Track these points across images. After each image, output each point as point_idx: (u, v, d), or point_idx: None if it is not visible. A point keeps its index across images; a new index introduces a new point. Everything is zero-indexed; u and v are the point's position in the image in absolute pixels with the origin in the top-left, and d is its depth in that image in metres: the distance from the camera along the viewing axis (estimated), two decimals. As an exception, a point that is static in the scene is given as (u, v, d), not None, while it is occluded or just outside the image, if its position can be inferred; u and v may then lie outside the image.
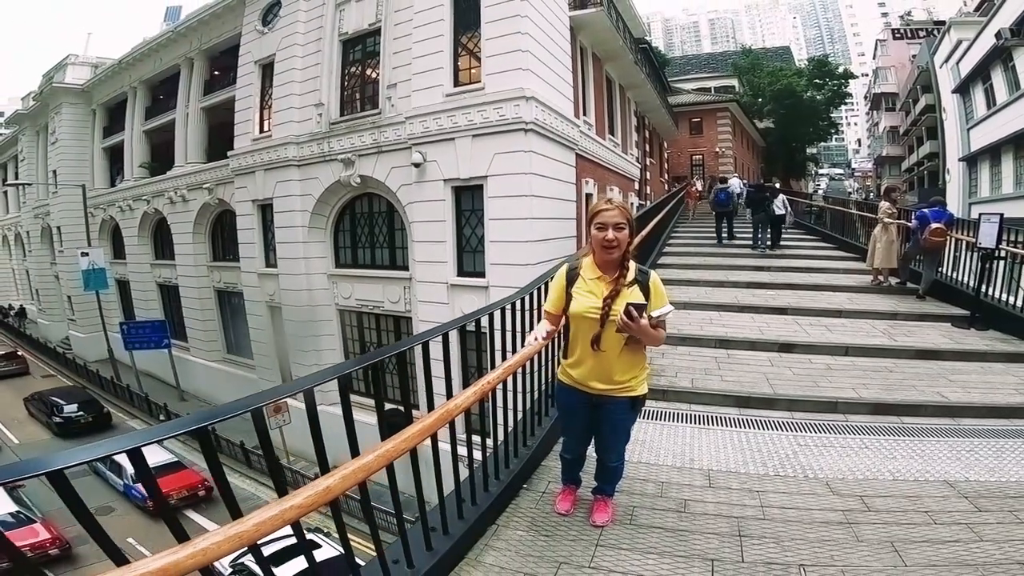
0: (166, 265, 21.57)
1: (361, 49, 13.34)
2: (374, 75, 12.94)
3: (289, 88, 14.02)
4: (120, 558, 1.17)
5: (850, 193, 47.48)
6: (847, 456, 3.66)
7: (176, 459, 14.11)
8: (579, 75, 13.95)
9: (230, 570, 9.21)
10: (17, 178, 30.69)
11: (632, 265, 2.44)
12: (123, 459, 7.17)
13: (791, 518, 2.87)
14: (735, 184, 15.18)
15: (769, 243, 12.68)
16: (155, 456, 13.40)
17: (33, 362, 26.26)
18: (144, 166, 21.96)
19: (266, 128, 15.06)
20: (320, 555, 8.38)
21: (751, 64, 46.48)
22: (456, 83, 11.27)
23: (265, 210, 15.27)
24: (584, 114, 14.28)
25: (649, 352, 2.79)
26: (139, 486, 12.40)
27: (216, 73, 19.14)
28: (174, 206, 19.85)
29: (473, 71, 11.16)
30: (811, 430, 4.13)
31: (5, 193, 36.48)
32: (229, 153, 15.92)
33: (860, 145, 78.00)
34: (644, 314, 2.28)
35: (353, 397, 1.82)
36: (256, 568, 8.43)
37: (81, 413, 17.70)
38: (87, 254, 21.35)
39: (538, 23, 10.91)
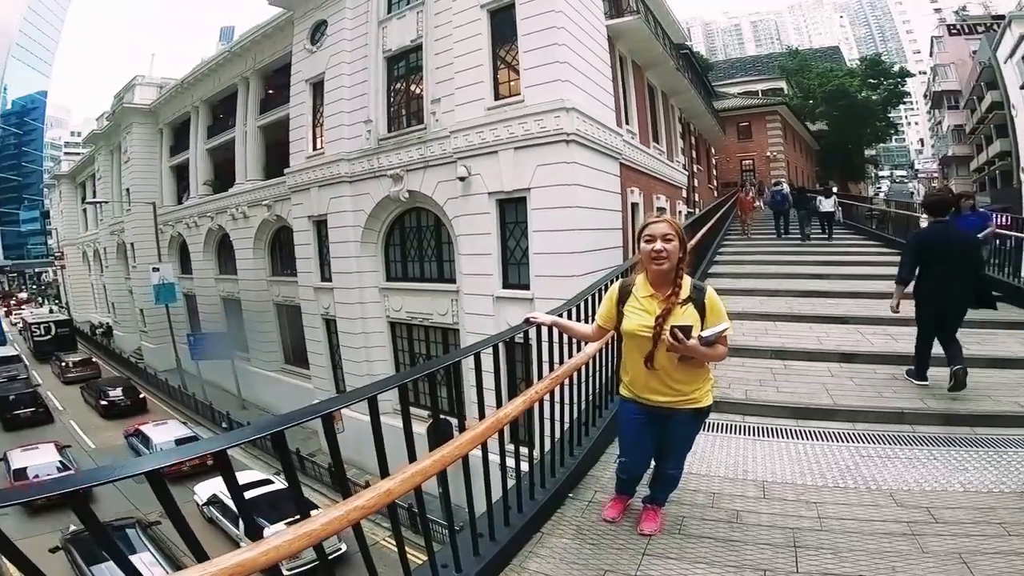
0: (229, 279, 22.56)
1: (405, 65, 13.67)
2: (418, 91, 13.24)
3: (339, 106, 14.45)
4: (201, 554, 1.28)
5: (912, 194, 45.00)
6: (913, 467, 3.51)
7: (194, 435, 16.63)
8: (619, 84, 13.90)
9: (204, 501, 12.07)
10: (95, 196, 33.00)
11: (687, 281, 2.39)
12: (149, 431, 12.20)
13: (850, 529, 2.80)
14: (784, 187, 17.59)
15: (818, 234, 15.55)
16: (176, 431, 16.77)
17: (106, 369, 28.37)
18: (208, 184, 23.02)
19: (319, 145, 15.55)
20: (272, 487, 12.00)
21: (799, 66, 45.55)
22: (496, 96, 11.42)
23: (320, 226, 15.75)
24: (627, 123, 14.19)
25: None
26: None
27: (271, 92, 19.85)
28: (236, 222, 20.73)
29: (512, 84, 11.28)
30: (874, 441, 3.97)
31: (85, 211, 39.39)
32: (285, 170, 16.47)
33: (923, 145, 74.03)
34: (692, 335, 2.23)
35: (395, 406, 1.90)
36: (229, 502, 10.71)
37: (123, 397, 21.08)
38: (158, 269, 22.52)
39: (574, 34, 10.95)
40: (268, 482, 12.61)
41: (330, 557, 10.51)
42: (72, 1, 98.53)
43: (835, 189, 19.36)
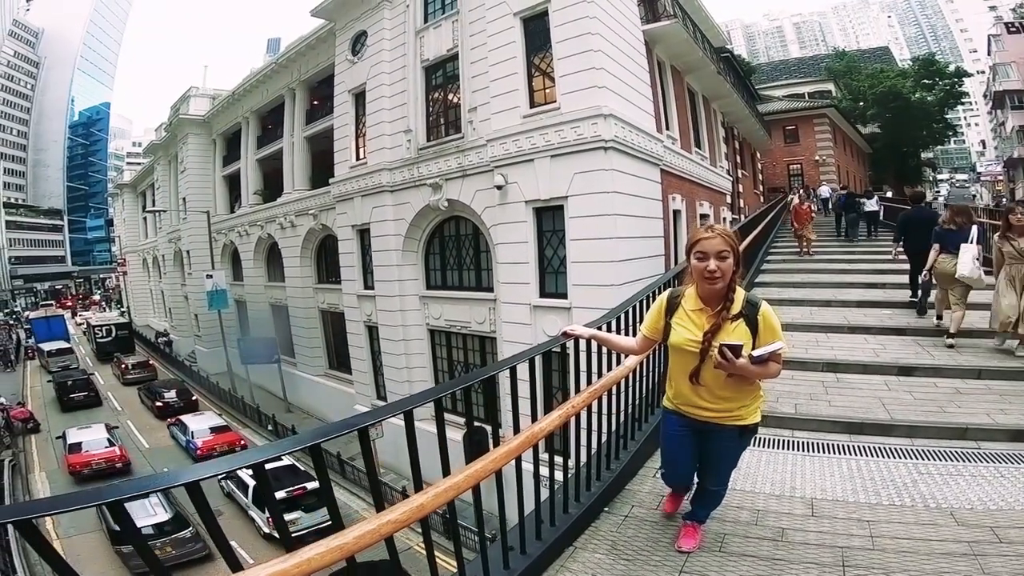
0: (277, 287, 23.28)
1: (442, 74, 13.81)
2: (455, 99, 13.38)
3: (380, 116, 14.72)
4: (235, 563, 1.32)
5: (974, 198, 42.67)
6: (977, 485, 3.33)
7: (225, 424, 18.97)
8: (658, 89, 13.66)
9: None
10: (154, 205, 34.77)
11: (739, 295, 2.29)
12: (187, 420, 12.79)
13: (905, 549, 2.67)
14: (825, 191, 19.89)
15: (863, 235, 16.57)
16: (211, 421, 18.70)
17: (162, 372, 29.86)
18: (258, 193, 23.83)
19: (361, 155, 15.86)
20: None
21: (847, 67, 44.57)
22: (532, 104, 11.37)
23: (363, 235, 16.08)
24: (667, 128, 13.94)
25: None
26: (196, 441, 17.17)
27: (315, 103, 20.36)
28: (284, 231, 21.41)
29: (548, 91, 11.21)
30: (934, 458, 3.79)
31: (145, 219, 41.53)
32: (330, 180, 16.90)
33: (984, 147, 70.06)
34: (742, 353, 2.13)
35: (431, 412, 1.89)
36: (243, 475, 12.61)
37: (176, 399, 22.42)
38: (211, 276, 23.39)
39: (610, 40, 10.81)
40: (277, 459, 13.58)
41: (324, 526, 11.37)
42: (130, 14, 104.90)
43: (889, 193, 20.34)
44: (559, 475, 2.89)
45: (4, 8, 79.29)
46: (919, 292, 7.49)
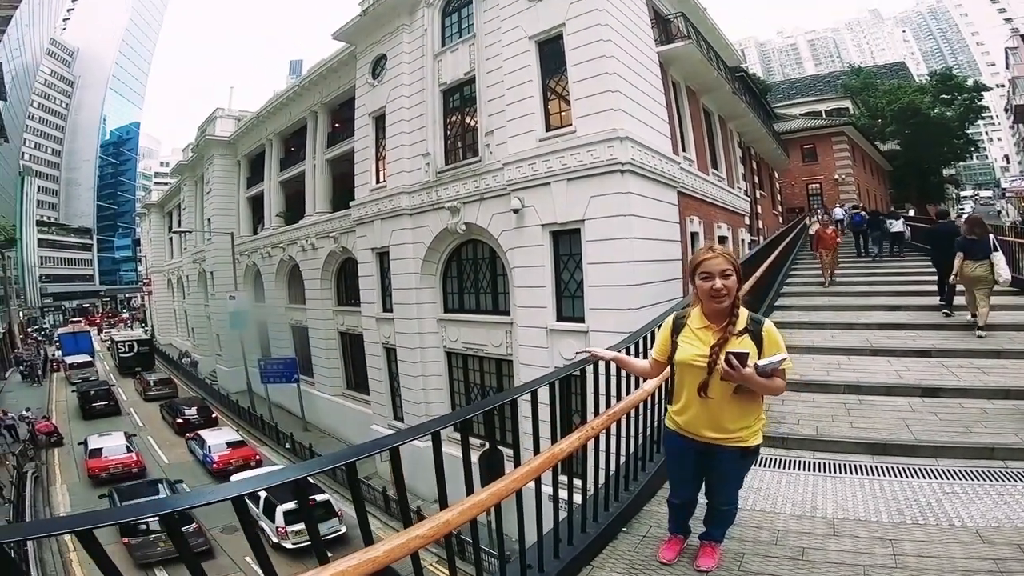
0: (298, 309, 23.59)
1: (459, 97, 14.08)
2: (472, 123, 13.60)
3: (399, 139, 15.01)
4: (272, 574, 1.40)
5: (999, 214, 41.68)
6: (1004, 504, 3.28)
7: (242, 439, 19.55)
8: (674, 110, 13.77)
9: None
10: (180, 225, 35.61)
11: (743, 313, 2.38)
12: (205, 434, 13.29)
13: (929, 567, 2.65)
14: (839, 212, 20.51)
15: (887, 253, 16.66)
16: (227, 436, 19.24)
17: (183, 389, 30.31)
18: (280, 215, 24.30)
19: (381, 178, 16.16)
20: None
21: (863, 83, 44.32)
22: (548, 127, 11.52)
23: (382, 257, 16.30)
24: (684, 150, 14.00)
25: (768, 399, 2.71)
26: (213, 455, 17.73)
27: (337, 125, 20.77)
28: (305, 254, 21.73)
29: (564, 114, 11.35)
30: (960, 477, 3.73)
31: (171, 239, 42.53)
32: (351, 203, 17.20)
33: (1008, 162, 68.73)
34: (747, 363, 2.21)
35: (449, 434, 1.96)
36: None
37: (197, 416, 22.72)
38: (234, 297, 23.96)
39: (625, 62, 10.94)
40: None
41: (330, 537, 11.97)
42: (160, 35, 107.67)
43: (911, 212, 21.01)
44: (577, 496, 2.92)
45: (42, 27, 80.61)
46: (946, 297, 8.53)
